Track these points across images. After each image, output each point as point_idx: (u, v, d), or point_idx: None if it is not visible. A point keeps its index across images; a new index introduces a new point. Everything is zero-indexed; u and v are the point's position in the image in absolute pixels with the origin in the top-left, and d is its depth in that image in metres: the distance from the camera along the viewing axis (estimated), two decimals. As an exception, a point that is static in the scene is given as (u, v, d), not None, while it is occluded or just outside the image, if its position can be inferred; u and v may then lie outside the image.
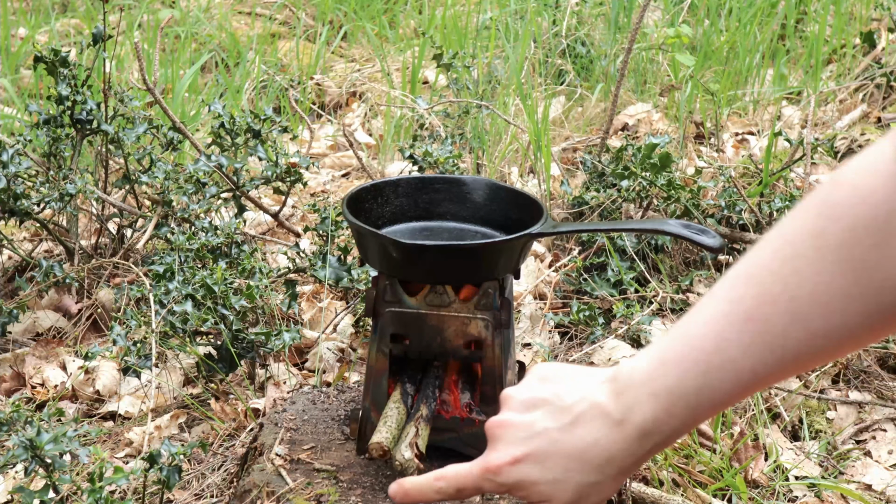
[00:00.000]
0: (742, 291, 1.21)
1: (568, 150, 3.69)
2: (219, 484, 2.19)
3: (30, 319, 2.79)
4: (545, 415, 1.29)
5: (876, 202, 1.17)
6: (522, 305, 2.83)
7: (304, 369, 2.62)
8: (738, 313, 1.21)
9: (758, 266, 1.21)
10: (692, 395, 1.23)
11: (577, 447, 1.27)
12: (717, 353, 1.21)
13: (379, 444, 1.64)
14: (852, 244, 1.18)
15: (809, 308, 1.19)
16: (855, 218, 1.17)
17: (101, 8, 2.91)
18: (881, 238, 1.17)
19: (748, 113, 4.05)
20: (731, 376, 1.22)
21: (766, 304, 1.20)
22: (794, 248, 1.19)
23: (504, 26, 4.31)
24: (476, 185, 1.90)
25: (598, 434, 1.27)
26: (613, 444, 1.26)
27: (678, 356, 1.23)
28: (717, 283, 1.24)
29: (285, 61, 4.42)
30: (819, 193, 1.20)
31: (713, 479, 2.28)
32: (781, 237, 1.20)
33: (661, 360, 1.24)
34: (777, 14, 4.63)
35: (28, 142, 2.82)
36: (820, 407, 2.58)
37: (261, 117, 2.93)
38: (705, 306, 1.23)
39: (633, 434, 1.26)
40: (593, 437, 1.27)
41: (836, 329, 1.20)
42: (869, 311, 1.20)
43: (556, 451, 1.28)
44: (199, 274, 2.41)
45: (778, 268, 1.19)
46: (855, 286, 1.18)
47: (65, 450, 1.86)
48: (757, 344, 1.21)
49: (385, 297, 1.76)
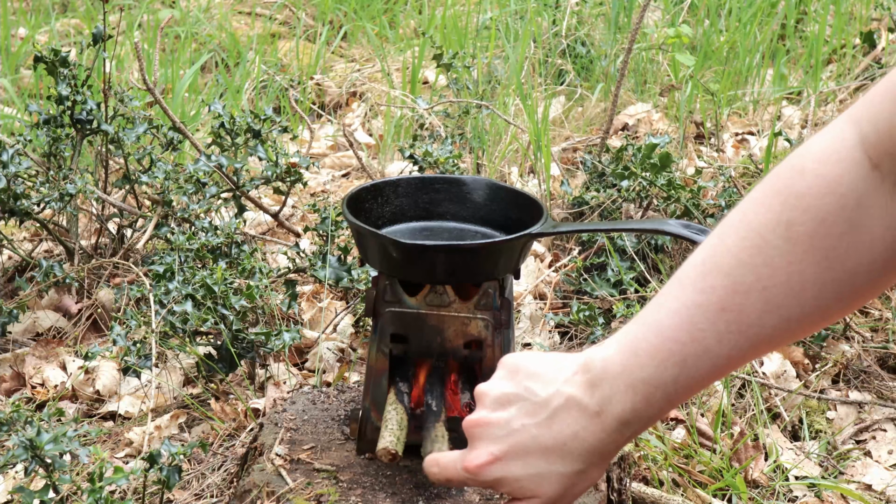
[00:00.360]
0: (713, 282, 1.21)
1: (568, 150, 3.69)
2: (219, 484, 2.19)
3: (30, 319, 2.79)
4: (521, 410, 1.29)
5: (843, 191, 1.18)
6: (522, 305, 2.83)
7: (304, 369, 2.62)
8: (711, 303, 1.21)
9: (726, 256, 1.21)
10: (670, 384, 1.24)
11: (557, 441, 1.28)
12: (692, 344, 1.22)
13: (385, 449, 1.64)
14: (823, 234, 1.18)
15: (783, 296, 1.20)
16: (824, 208, 1.18)
17: (101, 8, 2.91)
18: (850, 225, 1.18)
19: (748, 113, 4.05)
20: (708, 363, 1.23)
21: (739, 294, 1.20)
22: (764, 238, 1.19)
23: (504, 26, 4.31)
24: (476, 185, 1.90)
25: (577, 427, 1.27)
26: (593, 435, 1.27)
27: (653, 348, 1.23)
28: (681, 271, 1.24)
29: (285, 61, 4.42)
30: (781, 182, 1.20)
31: (713, 479, 2.28)
32: (747, 227, 1.20)
33: (635, 351, 1.24)
34: (777, 14, 4.63)
35: (28, 142, 2.82)
36: (820, 407, 2.58)
37: (261, 117, 2.93)
38: (674, 296, 1.23)
39: (612, 424, 1.26)
40: (572, 430, 1.27)
41: (810, 313, 1.22)
42: (843, 295, 1.21)
43: (537, 447, 1.29)
44: (199, 274, 2.41)
45: (748, 258, 1.20)
46: (828, 273, 1.19)
47: (65, 450, 1.86)
48: (732, 332, 1.21)
49: (385, 297, 1.76)
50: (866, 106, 1.19)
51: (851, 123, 1.19)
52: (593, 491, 1.78)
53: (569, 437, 1.27)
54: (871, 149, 1.18)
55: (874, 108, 1.18)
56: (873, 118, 1.17)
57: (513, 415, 1.30)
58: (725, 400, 2.45)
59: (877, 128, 1.17)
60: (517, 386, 1.31)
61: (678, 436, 2.41)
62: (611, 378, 1.25)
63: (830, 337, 2.74)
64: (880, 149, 1.17)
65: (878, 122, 1.17)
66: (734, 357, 1.22)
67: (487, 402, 1.32)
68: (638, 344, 1.24)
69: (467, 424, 1.33)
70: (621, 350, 1.25)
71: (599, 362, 1.26)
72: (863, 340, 2.74)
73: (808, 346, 2.71)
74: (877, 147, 1.17)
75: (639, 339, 1.25)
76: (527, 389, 1.30)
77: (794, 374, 2.65)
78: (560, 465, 1.28)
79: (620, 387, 1.25)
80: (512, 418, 1.30)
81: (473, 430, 1.32)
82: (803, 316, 1.21)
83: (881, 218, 1.18)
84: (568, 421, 1.27)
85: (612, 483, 1.85)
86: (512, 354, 1.36)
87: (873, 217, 1.18)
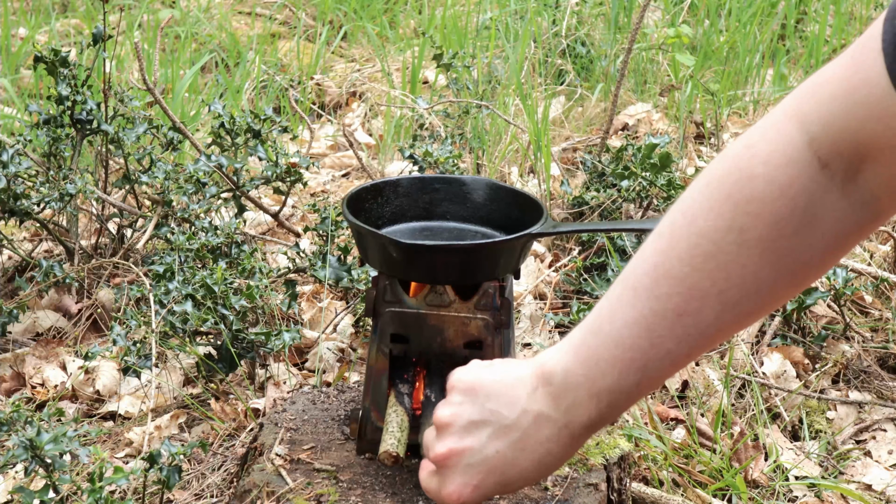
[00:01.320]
0: (668, 289, 1.21)
1: (568, 150, 3.69)
2: (219, 484, 2.19)
3: (30, 319, 2.79)
4: (491, 436, 1.30)
5: (794, 194, 1.18)
6: (522, 305, 2.83)
7: (304, 369, 2.62)
8: (667, 310, 1.22)
9: (678, 263, 1.21)
10: (633, 387, 1.25)
11: (533, 460, 1.29)
12: (652, 350, 1.23)
13: (387, 452, 1.64)
14: (776, 237, 1.19)
15: (739, 297, 1.21)
16: (777, 212, 1.18)
17: (101, 8, 2.91)
18: (802, 225, 1.19)
19: (748, 113, 4.05)
20: (668, 363, 1.24)
21: (695, 299, 1.21)
22: (716, 244, 1.19)
23: (504, 26, 4.31)
24: (476, 185, 1.90)
25: (549, 443, 1.28)
26: (564, 447, 1.29)
27: (614, 357, 1.24)
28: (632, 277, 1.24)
29: (285, 61, 4.42)
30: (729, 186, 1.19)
31: (713, 479, 2.28)
32: (698, 233, 1.20)
33: (596, 361, 1.25)
34: (777, 14, 4.63)
35: (28, 142, 2.82)
36: (820, 407, 2.58)
37: (261, 117, 2.93)
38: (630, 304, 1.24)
39: (579, 431, 1.28)
40: (545, 448, 1.29)
41: (765, 305, 1.24)
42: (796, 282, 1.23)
43: (514, 469, 1.30)
44: (199, 274, 2.41)
45: (702, 264, 1.20)
46: (782, 270, 1.20)
47: (65, 450, 1.86)
48: (691, 335, 1.23)
49: (385, 297, 1.76)
50: (813, 105, 1.18)
51: (797, 123, 1.18)
52: (593, 491, 1.78)
53: (543, 454, 1.29)
54: (820, 149, 1.17)
55: (822, 108, 1.17)
56: (823, 119, 1.17)
57: (484, 441, 1.30)
58: (725, 400, 2.45)
59: (828, 129, 1.16)
60: (481, 410, 1.30)
61: (678, 436, 2.41)
62: (573, 389, 1.26)
63: (830, 337, 2.74)
64: (832, 149, 1.17)
65: (829, 123, 1.16)
66: (693, 353, 1.24)
67: (454, 430, 1.32)
68: (598, 354, 1.25)
69: (437, 458, 1.32)
70: (581, 361, 1.26)
71: (560, 374, 1.27)
72: (863, 340, 2.74)
73: (808, 346, 2.71)
74: (828, 148, 1.17)
75: (599, 349, 1.25)
76: (492, 412, 1.29)
77: (794, 374, 2.65)
78: (534, 476, 1.31)
79: (584, 396, 1.26)
80: (484, 445, 1.30)
81: (446, 462, 1.32)
82: (759, 307, 1.23)
83: (832, 212, 1.19)
84: (540, 439, 1.28)
85: (612, 483, 1.85)
86: (459, 372, 1.35)
87: (824, 213, 1.19)
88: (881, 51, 1.12)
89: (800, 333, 2.74)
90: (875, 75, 1.12)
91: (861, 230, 1.21)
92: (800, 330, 2.74)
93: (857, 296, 2.88)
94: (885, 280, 2.83)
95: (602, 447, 1.88)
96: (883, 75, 1.11)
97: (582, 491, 1.78)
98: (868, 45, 1.13)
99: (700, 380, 2.59)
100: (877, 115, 1.13)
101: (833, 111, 1.16)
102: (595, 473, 1.82)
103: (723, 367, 2.60)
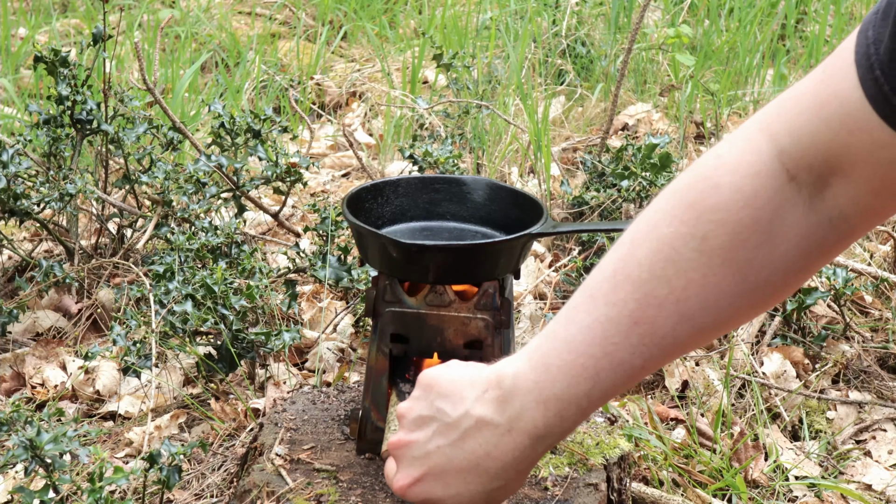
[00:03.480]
0: (623, 295, 1.19)
1: (568, 150, 3.69)
2: (219, 484, 2.19)
3: (30, 319, 2.79)
4: (435, 432, 1.29)
5: (760, 205, 1.17)
6: (522, 305, 2.83)
7: (304, 369, 2.62)
8: (622, 317, 1.20)
9: (637, 268, 1.19)
10: (583, 398, 1.22)
11: (471, 461, 1.28)
12: (605, 358, 1.21)
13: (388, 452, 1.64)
14: (738, 247, 1.17)
15: (697, 308, 1.19)
16: (741, 222, 1.17)
17: (101, 8, 2.91)
18: (765, 237, 1.17)
19: (748, 113, 4.05)
20: (621, 374, 1.22)
21: (651, 307, 1.19)
22: (677, 251, 1.18)
23: (504, 26, 4.31)
24: (476, 185, 1.90)
25: (489, 446, 1.27)
26: (506, 453, 1.26)
27: (565, 363, 1.22)
28: (591, 283, 1.22)
29: (285, 61, 4.42)
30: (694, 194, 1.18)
31: (713, 479, 2.28)
32: (659, 239, 1.19)
33: (547, 366, 1.23)
34: (777, 14, 4.63)
35: (28, 142, 2.82)
36: (820, 407, 2.58)
37: (261, 117, 2.93)
38: (586, 310, 1.22)
39: (524, 440, 1.25)
40: (484, 450, 1.27)
41: (724, 322, 1.21)
42: (757, 303, 1.21)
43: (452, 467, 1.29)
44: (199, 274, 2.41)
45: (661, 271, 1.18)
46: (742, 284, 1.19)
47: (65, 450, 1.86)
48: (646, 344, 1.20)
49: (385, 297, 1.76)
50: (783, 118, 1.17)
51: (766, 135, 1.18)
52: (593, 491, 1.79)
53: (482, 457, 1.27)
54: (789, 161, 1.17)
55: (793, 120, 1.16)
56: (793, 131, 1.16)
57: (428, 436, 1.30)
58: (725, 400, 2.45)
59: (798, 141, 1.16)
60: (430, 406, 1.30)
61: (678, 436, 2.41)
62: (522, 394, 1.24)
63: (830, 337, 2.74)
64: (801, 162, 1.16)
65: (799, 136, 1.15)
66: (648, 366, 1.22)
67: (406, 423, 1.33)
68: (550, 359, 1.23)
69: (392, 446, 1.34)
70: (533, 366, 1.24)
71: (511, 378, 1.25)
72: (863, 340, 2.74)
73: (808, 346, 2.71)
74: (797, 160, 1.16)
75: (551, 354, 1.23)
76: (438, 410, 1.29)
77: (794, 374, 2.65)
78: (477, 483, 1.29)
79: (531, 403, 1.24)
80: (428, 439, 1.30)
81: (395, 451, 1.33)
82: (718, 323, 1.21)
83: (796, 227, 1.18)
84: (479, 441, 1.27)
85: (612, 483, 1.85)
86: (430, 369, 1.35)
87: (789, 227, 1.18)
88: (854, 63, 1.11)
89: (800, 333, 2.74)
90: (847, 87, 1.11)
91: (825, 251, 1.19)
92: (800, 330, 2.74)
93: (857, 296, 2.88)
94: (885, 280, 2.83)
95: (602, 447, 1.88)
96: (856, 87, 1.10)
97: (582, 491, 1.78)
98: (841, 57, 1.12)
99: (700, 380, 2.59)
100: (849, 128, 1.12)
101: (803, 123, 1.15)
102: (595, 473, 1.82)
103: (723, 367, 2.60)
